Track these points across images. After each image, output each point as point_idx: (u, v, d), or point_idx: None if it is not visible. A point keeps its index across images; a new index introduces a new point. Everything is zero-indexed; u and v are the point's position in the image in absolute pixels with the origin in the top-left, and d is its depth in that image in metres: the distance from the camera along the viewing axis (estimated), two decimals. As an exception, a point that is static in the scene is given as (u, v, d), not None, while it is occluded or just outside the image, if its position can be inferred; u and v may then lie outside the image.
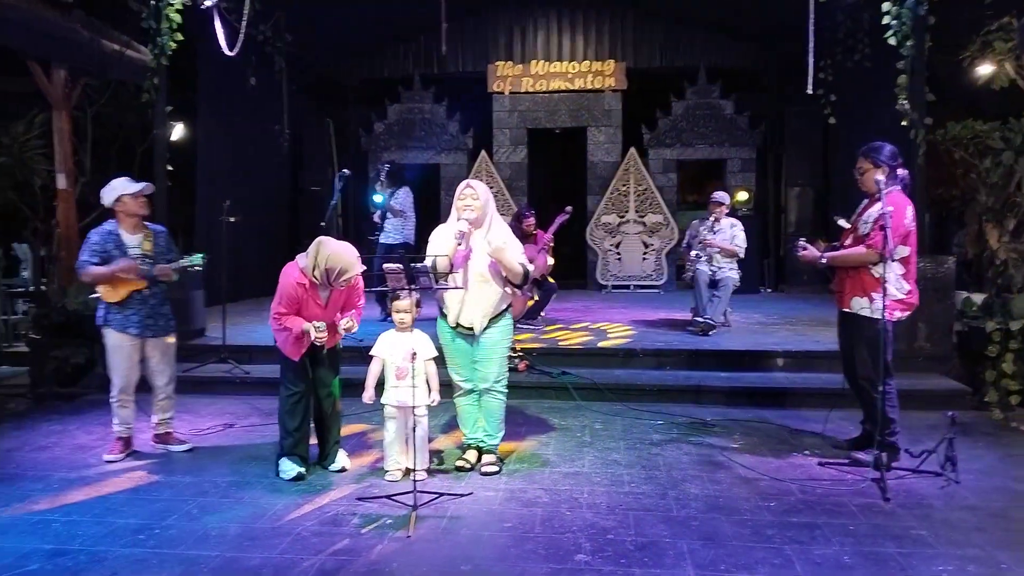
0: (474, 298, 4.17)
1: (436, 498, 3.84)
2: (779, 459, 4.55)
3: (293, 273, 4.16)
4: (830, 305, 4.99)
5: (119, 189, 4.62)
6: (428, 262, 3.97)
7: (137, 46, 7.43)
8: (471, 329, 4.21)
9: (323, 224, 5.93)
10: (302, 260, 4.16)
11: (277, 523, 3.62)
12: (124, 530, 3.55)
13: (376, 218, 7.92)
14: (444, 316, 4.31)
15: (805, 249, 4.51)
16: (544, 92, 12.10)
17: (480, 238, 4.20)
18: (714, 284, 7.36)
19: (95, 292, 4.62)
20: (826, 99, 8.14)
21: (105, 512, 3.78)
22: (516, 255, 4.17)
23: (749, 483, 4.14)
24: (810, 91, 7.21)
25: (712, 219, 7.51)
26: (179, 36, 6.83)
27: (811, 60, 6.99)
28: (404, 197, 7.85)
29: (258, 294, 9.68)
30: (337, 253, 4.07)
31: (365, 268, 4.22)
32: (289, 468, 4.23)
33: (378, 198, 8.07)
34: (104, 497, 4.00)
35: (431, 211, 11.12)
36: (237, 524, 3.61)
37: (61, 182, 7.23)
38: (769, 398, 5.83)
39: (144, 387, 4.79)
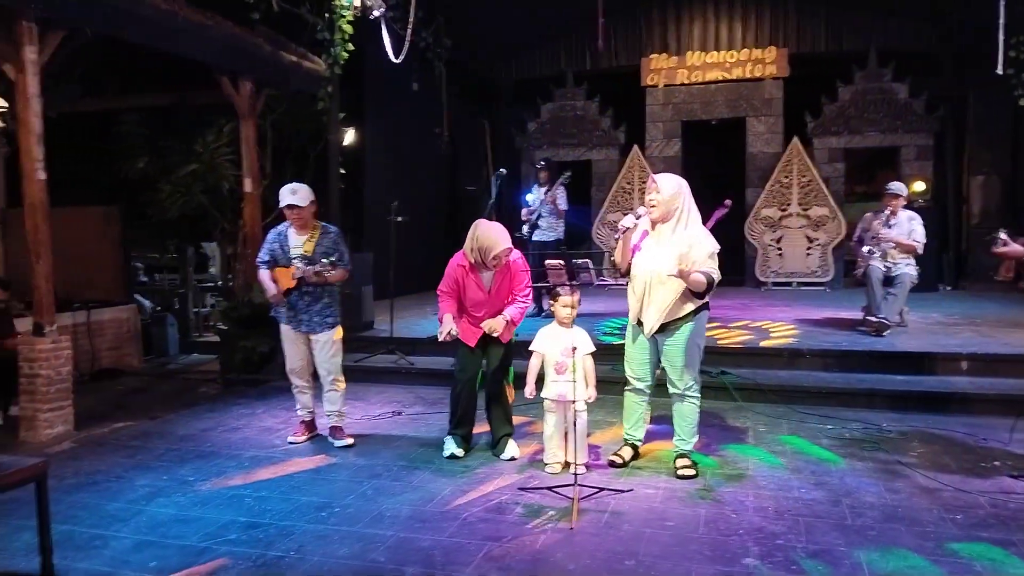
0: (652, 297, 4.08)
1: (596, 492, 3.86)
2: (964, 469, 4.21)
3: (457, 256, 4.46)
4: (1018, 304, 4.54)
5: (282, 197, 4.81)
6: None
7: (312, 57, 7.95)
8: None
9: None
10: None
11: (445, 508, 3.78)
12: (308, 507, 3.83)
13: (524, 215, 8.04)
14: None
15: (1007, 244, 4.07)
16: (700, 83, 11.82)
17: (667, 235, 4.08)
18: (888, 281, 6.89)
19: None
20: (1017, 79, 7.41)
21: (290, 490, 4.10)
22: (703, 266, 3.95)
23: (931, 493, 3.87)
24: (1000, 71, 6.59)
25: (888, 212, 7.01)
26: (350, 46, 7.25)
27: (1001, 37, 6.39)
28: (563, 195, 7.91)
29: (420, 290, 10.10)
30: (487, 232, 4.30)
31: (510, 247, 4.35)
32: (447, 446, 4.56)
33: (530, 196, 8.21)
34: (289, 476, 4.34)
35: (582, 207, 11.15)
36: (408, 507, 3.80)
37: (248, 186, 7.87)
38: (950, 404, 5.40)
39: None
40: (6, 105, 7.13)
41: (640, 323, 4.20)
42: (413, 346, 7.11)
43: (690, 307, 4.09)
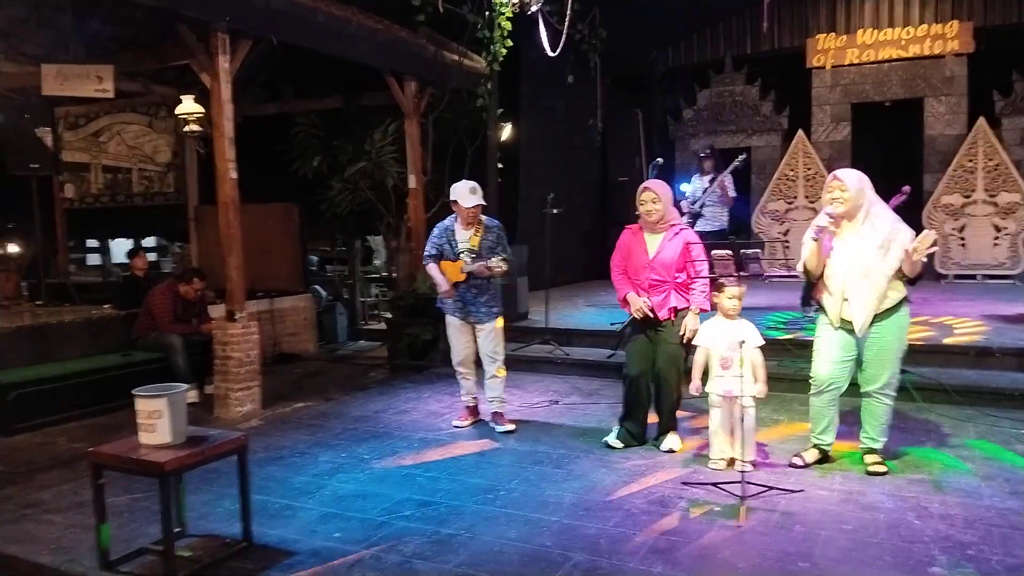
0: (855, 293, 3.91)
1: (765, 491, 3.75)
2: None
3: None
4: None
5: (455, 193, 4.97)
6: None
7: (472, 55, 8.19)
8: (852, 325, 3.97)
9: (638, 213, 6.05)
10: None
11: (608, 498, 3.80)
12: (475, 489, 3.98)
13: (685, 207, 7.87)
14: (820, 309, 4.12)
15: None
16: (872, 63, 11.06)
17: (854, 230, 3.92)
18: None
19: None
20: None
21: (458, 471, 4.27)
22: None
23: None
24: None
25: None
26: (508, 42, 7.39)
27: None
28: (732, 181, 7.68)
29: (572, 281, 10.18)
30: (646, 185, 4.42)
31: (648, 189, 4.37)
32: (610, 436, 4.62)
33: (687, 187, 8.03)
34: (456, 458, 4.52)
35: (740, 196, 10.75)
36: (571, 494, 3.86)
37: (412, 182, 8.24)
38: None
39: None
40: (203, 110, 7.85)
41: (843, 324, 4.00)
42: (567, 337, 7.17)
43: (895, 297, 3.93)
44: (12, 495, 4.27)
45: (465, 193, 4.91)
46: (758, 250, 3.61)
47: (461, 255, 4.95)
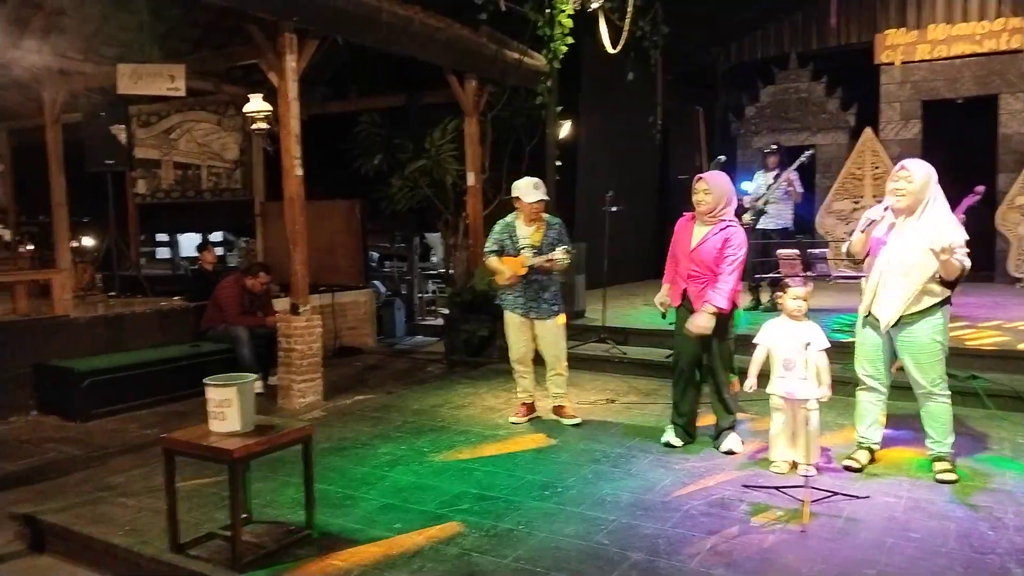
0: (889, 289, 3.85)
1: (828, 496, 3.67)
2: None
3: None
4: None
5: (517, 190, 5.01)
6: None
7: (532, 53, 8.20)
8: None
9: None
10: None
11: (666, 498, 3.77)
12: (532, 485, 3.99)
13: (748, 203, 7.73)
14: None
15: None
16: (943, 59, 10.69)
17: (912, 224, 3.82)
18: None
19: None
20: None
21: (515, 467, 4.29)
22: (961, 254, 3.67)
23: None
24: None
25: None
26: (569, 40, 7.38)
27: None
28: (798, 177, 7.51)
29: (629, 279, 10.10)
30: (701, 175, 4.39)
31: (703, 179, 4.33)
32: (665, 434, 4.60)
33: (748, 184, 7.90)
34: (513, 454, 4.54)
35: (806, 195, 10.53)
36: (629, 493, 3.84)
37: (471, 179, 8.30)
38: None
39: (540, 361, 5.30)
40: (270, 108, 8.05)
41: (872, 316, 3.93)
42: (624, 336, 7.13)
43: (929, 300, 3.81)
44: (88, 478, 4.46)
45: (528, 189, 4.94)
46: (825, 249, 3.51)
47: (523, 251, 4.97)
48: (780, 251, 3.64)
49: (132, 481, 4.23)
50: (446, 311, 8.07)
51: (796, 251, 3.55)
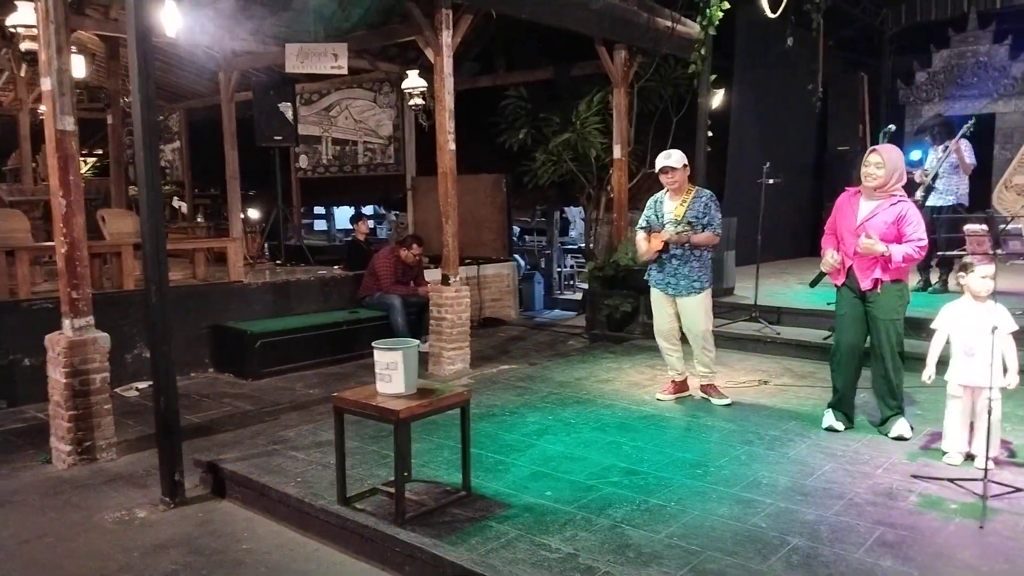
0: None
1: (1012, 492, 3.38)
2: None
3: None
4: None
5: (657, 161, 4.94)
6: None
7: (685, 20, 7.95)
8: None
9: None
10: None
11: (827, 484, 3.61)
12: (682, 463, 3.94)
13: (918, 177, 7.17)
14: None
15: None
16: None
17: None
18: None
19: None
20: None
21: (663, 443, 4.24)
22: None
23: None
24: None
25: None
26: (725, 5, 7.09)
27: None
28: (968, 148, 6.89)
29: (782, 256, 9.68)
30: (875, 148, 4.18)
31: (876, 152, 4.11)
32: (825, 418, 4.41)
33: (916, 154, 7.32)
34: (661, 429, 4.49)
35: (982, 168, 9.65)
36: (786, 477, 3.70)
37: (617, 152, 8.20)
38: None
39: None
40: (426, 84, 8.28)
41: None
42: (777, 314, 6.85)
43: None
44: (262, 431, 4.83)
45: (660, 158, 4.94)
46: (1021, 226, 3.19)
47: (666, 225, 4.91)
48: (967, 226, 3.34)
49: (301, 436, 4.53)
50: (585, 286, 8.05)
51: (985, 226, 3.24)
